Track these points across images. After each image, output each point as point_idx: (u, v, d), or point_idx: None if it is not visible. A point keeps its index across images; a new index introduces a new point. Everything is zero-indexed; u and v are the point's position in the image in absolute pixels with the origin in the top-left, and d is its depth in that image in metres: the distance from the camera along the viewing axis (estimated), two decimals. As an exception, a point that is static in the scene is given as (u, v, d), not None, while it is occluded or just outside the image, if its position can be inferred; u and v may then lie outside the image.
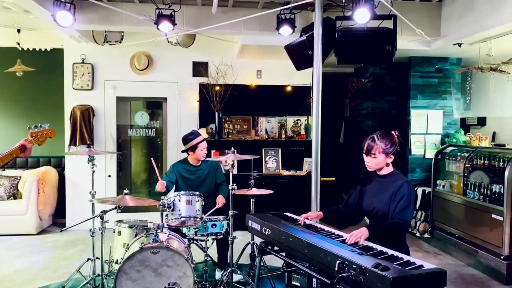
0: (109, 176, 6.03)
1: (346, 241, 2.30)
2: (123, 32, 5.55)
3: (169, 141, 6.25)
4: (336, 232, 2.54)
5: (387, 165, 2.71)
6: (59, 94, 5.99)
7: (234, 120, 6.22)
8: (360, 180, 2.95)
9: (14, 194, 5.86)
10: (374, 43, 4.02)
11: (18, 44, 5.68)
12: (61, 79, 5.97)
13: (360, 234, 2.32)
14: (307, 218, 2.77)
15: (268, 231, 2.63)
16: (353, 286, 1.92)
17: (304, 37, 4.20)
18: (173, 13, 4.19)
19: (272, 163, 5.92)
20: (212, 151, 5.82)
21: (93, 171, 3.58)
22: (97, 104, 5.98)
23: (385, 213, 2.62)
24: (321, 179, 4.14)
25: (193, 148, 4.01)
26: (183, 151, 4.18)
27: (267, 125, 6.24)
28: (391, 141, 2.69)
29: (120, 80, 6.04)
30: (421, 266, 1.92)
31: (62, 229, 3.43)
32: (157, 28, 4.21)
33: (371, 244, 2.25)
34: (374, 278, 1.79)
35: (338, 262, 1.97)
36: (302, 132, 6.17)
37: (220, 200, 3.93)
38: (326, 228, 2.64)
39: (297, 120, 6.21)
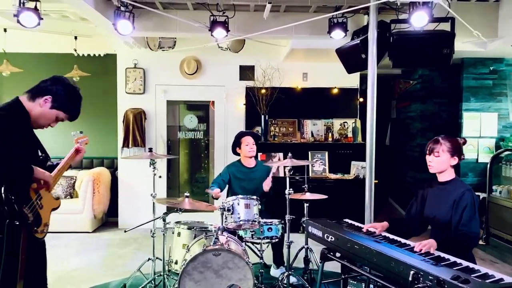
0: (160, 177, 6.22)
1: (414, 248, 2.29)
2: (175, 38, 5.71)
3: (216, 143, 6.37)
4: (402, 240, 2.52)
5: (451, 167, 2.66)
6: (112, 97, 6.24)
7: (280, 123, 6.25)
8: (407, 183, 2.91)
9: (71, 194, 6.15)
10: (431, 46, 3.94)
11: (75, 50, 5.97)
12: (114, 84, 6.22)
13: (429, 245, 2.29)
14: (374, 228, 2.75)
15: (331, 238, 2.65)
16: (428, 298, 1.90)
17: (357, 41, 4.17)
18: (226, 19, 4.27)
19: (318, 166, 5.91)
20: (259, 154, 5.89)
21: (154, 174, 3.70)
22: (148, 107, 6.19)
23: (446, 221, 2.58)
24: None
25: (239, 145, 4.16)
26: (233, 152, 4.29)
27: (313, 127, 6.23)
28: (455, 143, 2.66)
29: (170, 84, 6.22)
30: (501, 279, 1.88)
31: (127, 229, 3.55)
32: (211, 35, 4.30)
33: (442, 254, 2.22)
34: (453, 291, 1.77)
35: (412, 272, 1.96)
36: (349, 135, 6.12)
37: (268, 183, 4.05)
38: (391, 236, 2.63)
39: (344, 122, 6.16)
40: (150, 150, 3.73)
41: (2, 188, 1.95)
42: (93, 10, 3.98)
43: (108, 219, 6.52)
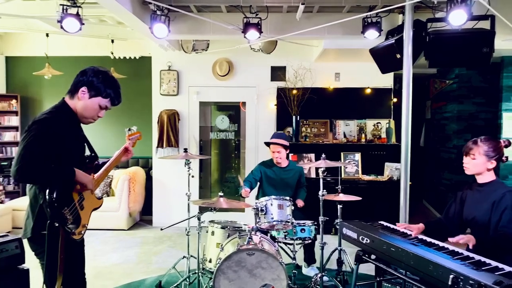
0: (192, 176, 6.31)
1: (450, 239, 2.26)
2: (209, 40, 5.80)
3: (247, 143, 6.42)
4: (440, 243, 2.47)
5: (488, 170, 2.60)
6: (147, 99, 6.41)
7: (312, 124, 6.23)
8: (442, 186, 2.86)
9: (107, 192, 6.36)
10: (469, 45, 3.83)
11: (112, 53, 6.18)
12: (149, 85, 6.39)
13: (467, 238, 2.26)
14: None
15: (367, 240, 2.63)
16: (469, 303, 1.86)
17: (392, 40, 4.11)
18: (259, 21, 4.31)
19: (351, 167, 5.85)
20: (290, 155, 5.89)
21: (189, 174, 3.78)
22: (181, 108, 6.31)
23: (485, 223, 2.52)
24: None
25: (268, 145, 4.21)
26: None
27: (345, 128, 6.18)
28: (495, 145, 2.59)
29: (203, 86, 6.32)
30: (548, 285, 1.82)
31: (163, 227, 3.64)
32: (244, 37, 4.35)
33: (483, 259, 2.16)
34: (496, 296, 1.73)
35: (452, 276, 1.92)
36: (383, 135, 6.03)
37: (300, 203, 4.02)
38: (428, 239, 2.58)
39: (378, 123, 6.07)
40: (185, 150, 3.81)
41: (47, 191, 2.04)
42: (130, 14, 4.10)
43: (143, 217, 6.70)
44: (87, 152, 2.42)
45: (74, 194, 2.19)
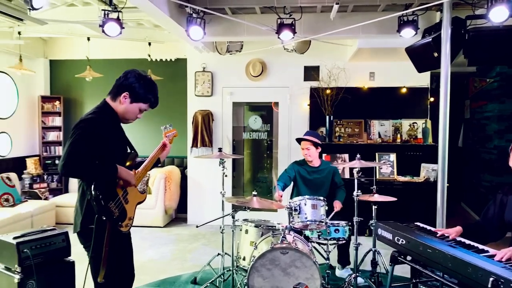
0: (226, 176, 6.41)
1: (495, 258, 2.18)
2: (243, 41, 5.88)
3: (279, 143, 6.46)
4: (480, 246, 2.41)
5: None
6: (183, 100, 6.57)
7: (346, 124, 6.18)
8: (482, 187, 2.77)
9: (144, 190, 6.55)
10: (510, 42, 3.70)
11: (149, 55, 6.36)
12: (184, 86, 6.54)
13: (511, 253, 2.18)
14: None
15: (402, 241, 2.60)
16: (509, 306, 1.82)
17: (429, 39, 4.03)
18: (293, 21, 4.33)
19: (386, 168, 5.76)
20: (324, 155, 5.86)
21: (223, 173, 3.85)
22: (215, 109, 6.43)
23: None
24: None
25: (299, 142, 4.18)
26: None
27: (380, 128, 6.09)
28: None
29: (236, 87, 6.41)
30: None
31: (199, 225, 3.75)
32: (278, 37, 4.38)
33: (525, 263, 2.10)
34: (538, 300, 1.69)
35: (491, 279, 1.88)
36: (419, 136, 5.89)
37: (338, 205, 3.98)
38: (466, 241, 2.53)
39: (414, 123, 5.95)
40: (220, 150, 3.89)
41: (92, 186, 2.16)
42: (167, 17, 4.23)
43: (178, 215, 6.86)
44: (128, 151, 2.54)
45: (118, 189, 2.31)
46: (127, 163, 2.43)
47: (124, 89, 2.39)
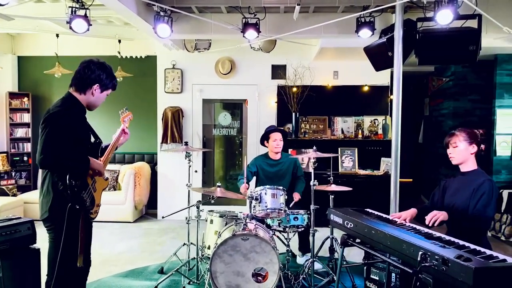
0: (196, 171, 6.57)
1: (426, 221, 2.45)
2: (210, 39, 6.03)
3: (248, 140, 6.64)
4: (418, 227, 2.66)
5: (472, 156, 2.77)
6: (152, 97, 6.66)
7: (311, 120, 6.43)
8: (439, 180, 3.04)
9: (114, 186, 6.61)
10: (456, 43, 4.00)
11: (119, 53, 6.43)
12: (154, 83, 6.64)
13: (439, 214, 2.45)
14: (404, 219, 2.84)
15: (351, 225, 2.82)
16: (435, 276, 2.05)
17: (384, 39, 4.30)
18: (258, 21, 4.51)
19: (348, 162, 6.04)
20: (290, 150, 6.09)
21: (189, 166, 4.00)
22: (185, 105, 6.55)
23: (464, 209, 2.70)
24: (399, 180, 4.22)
25: (267, 139, 4.38)
26: (261, 144, 4.54)
27: (343, 124, 6.36)
28: (470, 132, 2.81)
29: (205, 84, 6.56)
30: (505, 260, 2.00)
31: (164, 216, 3.88)
32: (243, 36, 4.56)
33: (453, 239, 2.35)
34: (456, 268, 1.90)
35: (420, 253, 2.11)
36: (380, 132, 6.21)
37: (297, 196, 4.21)
38: (408, 224, 2.77)
39: (374, 119, 6.25)
40: (186, 143, 4.04)
41: (67, 176, 2.29)
42: (135, 15, 4.34)
43: (148, 211, 6.94)
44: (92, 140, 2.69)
45: (88, 179, 2.46)
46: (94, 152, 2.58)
47: (93, 82, 2.57)
